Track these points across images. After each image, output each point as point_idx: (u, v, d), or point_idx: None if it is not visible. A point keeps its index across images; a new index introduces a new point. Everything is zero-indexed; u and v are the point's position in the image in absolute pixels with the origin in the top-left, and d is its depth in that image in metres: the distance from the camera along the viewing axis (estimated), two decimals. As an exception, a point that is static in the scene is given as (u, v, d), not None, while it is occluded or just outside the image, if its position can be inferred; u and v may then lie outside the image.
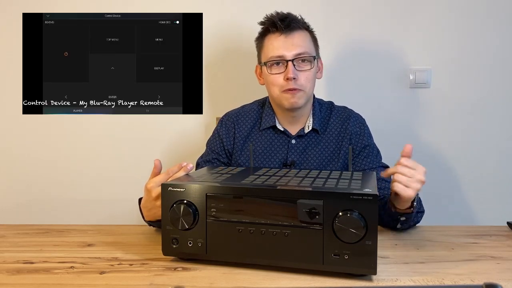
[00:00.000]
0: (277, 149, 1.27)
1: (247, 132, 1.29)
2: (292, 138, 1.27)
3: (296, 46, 1.19)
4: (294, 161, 1.25)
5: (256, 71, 1.32)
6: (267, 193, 0.83)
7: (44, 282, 0.81)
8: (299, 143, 1.27)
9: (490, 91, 1.67)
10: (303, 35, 1.22)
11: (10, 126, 1.67)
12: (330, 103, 1.35)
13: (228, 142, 1.29)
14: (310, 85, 1.22)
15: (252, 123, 1.31)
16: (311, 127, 1.26)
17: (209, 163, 1.30)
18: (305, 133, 1.26)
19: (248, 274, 0.83)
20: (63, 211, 1.69)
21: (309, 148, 1.26)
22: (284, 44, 1.19)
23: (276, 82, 1.20)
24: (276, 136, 1.28)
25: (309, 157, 1.26)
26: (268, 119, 1.28)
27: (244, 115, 1.32)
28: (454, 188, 1.69)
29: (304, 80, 1.20)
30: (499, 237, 1.07)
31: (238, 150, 1.28)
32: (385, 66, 1.66)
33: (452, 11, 1.64)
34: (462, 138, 1.68)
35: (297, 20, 1.22)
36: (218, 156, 1.30)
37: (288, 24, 1.19)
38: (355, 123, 1.28)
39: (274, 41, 1.21)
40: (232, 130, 1.30)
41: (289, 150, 1.26)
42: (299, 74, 1.19)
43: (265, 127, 1.28)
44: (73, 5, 1.63)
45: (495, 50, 1.65)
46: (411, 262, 0.90)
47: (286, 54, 1.19)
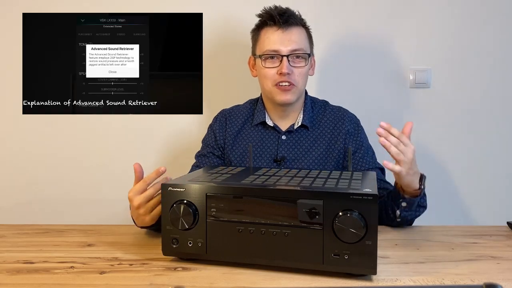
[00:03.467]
0: (268, 145, 1.29)
1: (238, 128, 1.31)
2: (282, 134, 1.28)
3: (292, 42, 1.20)
4: (285, 156, 1.26)
5: (249, 62, 1.33)
6: (267, 193, 0.83)
7: (44, 282, 0.81)
8: (289, 139, 1.28)
9: (490, 91, 1.67)
10: (299, 32, 1.23)
11: (10, 126, 1.67)
12: (324, 101, 1.36)
13: (220, 137, 1.32)
14: (302, 82, 1.24)
15: (244, 119, 1.33)
16: (300, 123, 1.28)
17: (204, 157, 1.32)
18: (294, 129, 1.28)
19: (248, 274, 0.83)
20: (63, 211, 1.69)
21: (300, 144, 1.27)
22: (281, 39, 1.20)
23: (269, 76, 1.22)
24: (267, 132, 1.30)
25: (299, 153, 1.27)
26: (259, 115, 1.30)
27: (236, 112, 1.35)
28: (454, 188, 1.69)
29: (297, 76, 1.21)
30: (499, 237, 1.07)
31: (229, 145, 1.30)
32: (385, 66, 1.66)
33: (452, 11, 1.64)
34: (462, 138, 1.68)
35: (295, 16, 1.23)
36: (212, 149, 1.32)
37: (287, 19, 1.20)
38: (350, 123, 1.29)
39: (270, 35, 1.22)
40: (224, 126, 1.32)
41: (279, 145, 1.27)
42: (293, 70, 1.20)
43: (256, 123, 1.30)
44: (73, 5, 1.62)
45: (495, 50, 1.65)
46: (411, 262, 0.90)
47: (282, 49, 1.20)
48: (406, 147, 0.98)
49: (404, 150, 0.98)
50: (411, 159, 0.99)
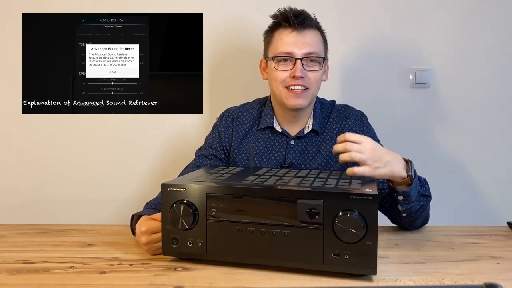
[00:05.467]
0: (275, 150, 1.25)
1: (245, 131, 1.27)
2: (291, 139, 1.25)
3: (307, 44, 1.16)
4: (293, 162, 1.23)
5: (260, 65, 1.29)
6: (267, 193, 0.83)
7: (44, 282, 0.81)
8: (298, 144, 1.24)
9: (490, 91, 1.66)
10: (314, 35, 1.19)
11: (10, 126, 1.67)
12: (332, 102, 1.32)
13: (226, 139, 1.27)
14: (316, 86, 1.19)
15: (251, 121, 1.28)
16: (310, 128, 1.24)
17: (205, 158, 1.28)
18: (304, 134, 1.24)
19: (248, 274, 0.83)
20: (63, 211, 1.69)
21: (308, 150, 1.24)
22: (295, 41, 1.16)
23: (281, 79, 1.17)
24: (275, 136, 1.26)
25: (307, 158, 1.23)
26: (266, 119, 1.26)
27: (244, 113, 1.30)
28: (454, 188, 1.69)
29: (311, 80, 1.17)
30: (499, 237, 1.08)
31: (235, 148, 1.26)
32: (385, 66, 1.66)
33: (452, 11, 1.64)
34: (462, 138, 1.68)
35: (310, 18, 1.19)
36: (216, 151, 1.28)
37: (302, 21, 1.16)
38: (354, 121, 1.26)
39: (285, 37, 1.17)
40: (231, 128, 1.28)
41: (288, 151, 1.24)
42: (306, 73, 1.16)
43: (263, 127, 1.26)
44: (73, 5, 1.62)
45: (495, 50, 1.65)
46: (411, 262, 0.90)
47: (296, 51, 1.16)
48: (360, 144, 0.94)
49: (360, 148, 0.94)
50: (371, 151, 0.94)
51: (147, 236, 0.93)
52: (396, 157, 1.00)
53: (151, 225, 0.94)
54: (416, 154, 1.07)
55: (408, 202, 1.04)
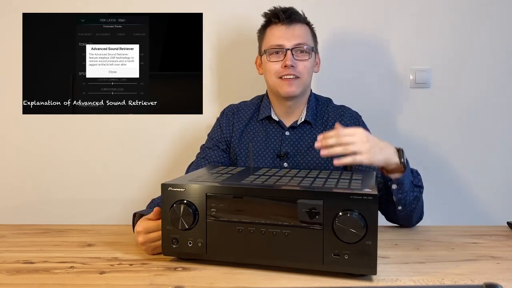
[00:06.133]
0: (272, 140, 1.31)
1: (245, 123, 1.34)
2: (286, 130, 1.30)
3: (296, 37, 1.24)
4: (287, 152, 1.28)
5: (256, 61, 1.37)
6: (267, 193, 0.83)
7: (44, 282, 0.81)
8: (292, 135, 1.30)
9: (490, 91, 1.66)
10: (303, 28, 1.27)
11: (10, 126, 1.67)
12: (328, 99, 1.38)
13: (227, 131, 1.34)
14: (307, 75, 1.26)
15: (251, 114, 1.35)
16: (303, 119, 1.30)
17: (209, 150, 1.33)
18: (297, 125, 1.30)
19: (248, 274, 0.83)
20: (63, 211, 1.69)
21: (303, 140, 1.30)
22: (285, 34, 1.25)
23: (274, 69, 1.25)
24: (272, 127, 1.32)
25: (302, 149, 1.29)
26: (264, 110, 1.33)
27: (244, 108, 1.38)
28: (454, 188, 1.69)
29: (301, 69, 1.24)
30: (499, 237, 1.08)
31: (236, 140, 1.32)
32: (385, 66, 1.66)
33: (452, 11, 1.64)
34: (462, 138, 1.68)
35: (298, 14, 1.28)
36: (217, 143, 1.34)
37: (289, 15, 1.25)
38: (349, 119, 1.31)
39: (275, 31, 1.26)
40: (231, 120, 1.35)
41: (283, 141, 1.30)
42: (297, 63, 1.24)
43: (261, 118, 1.32)
44: (73, 5, 1.62)
45: (495, 50, 1.65)
46: (411, 262, 0.90)
47: (286, 43, 1.24)
48: (352, 136, 0.98)
49: (353, 139, 0.97)
50: (365, 139, 0.98)
51: (144, 236, 0.93)
52: (389, 144, 1.05)
53: (147, 224, 0.94)
54: (416, 154, 1.07)
55: (401, 192, 1.07)
